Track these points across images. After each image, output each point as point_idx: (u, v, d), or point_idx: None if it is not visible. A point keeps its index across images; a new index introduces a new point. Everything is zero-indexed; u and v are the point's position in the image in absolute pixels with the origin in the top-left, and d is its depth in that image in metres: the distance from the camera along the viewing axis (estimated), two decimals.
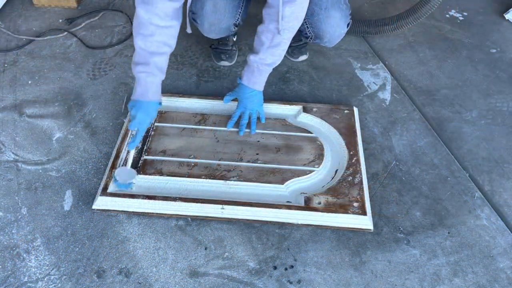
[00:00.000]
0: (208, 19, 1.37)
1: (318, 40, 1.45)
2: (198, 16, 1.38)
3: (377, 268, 1.13)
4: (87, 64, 1.68)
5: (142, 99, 1.20)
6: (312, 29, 1.41)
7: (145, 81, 1.18)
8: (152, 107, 1.22)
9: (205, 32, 1.46)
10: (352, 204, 1.20)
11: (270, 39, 1.23)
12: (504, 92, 1.64)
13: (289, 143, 1.36)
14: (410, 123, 1.51)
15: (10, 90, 1.56)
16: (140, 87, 1.19)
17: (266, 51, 1.25)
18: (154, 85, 1.20)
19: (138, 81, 1.19)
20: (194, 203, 1.19)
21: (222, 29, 1.43)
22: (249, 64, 1.30)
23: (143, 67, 1.17)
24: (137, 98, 1.20)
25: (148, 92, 1.19)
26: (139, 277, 1.10)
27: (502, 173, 1.37)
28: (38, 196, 1.26)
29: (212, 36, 1.48)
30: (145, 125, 1.22)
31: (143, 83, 1.18)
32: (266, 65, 1.28)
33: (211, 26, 1.40)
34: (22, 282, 1.08)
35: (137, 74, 1.18)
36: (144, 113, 1.20)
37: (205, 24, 1.39)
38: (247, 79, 1.32)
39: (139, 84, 1.19)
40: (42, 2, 1.93)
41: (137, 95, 1.20)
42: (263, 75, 1.31)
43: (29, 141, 1.40)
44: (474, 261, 1.16)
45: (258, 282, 1.10)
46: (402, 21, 1.74)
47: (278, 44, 1.24)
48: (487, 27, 1.95)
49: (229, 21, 1.40)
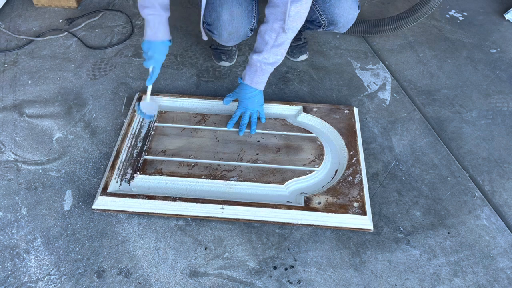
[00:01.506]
0: (227, 29, 1.37)
1: (332, 26, 1.45)
2: (215, 27, 1.38)
3: (377, 268, 1.13)
4: (87, 64, 1.68)
5: (154, 39, 1.28)
6: (325, 15, 1.41)
7: (153, 23, 1.26)
8: (164, 46, 1.30)
9: (223, 42, 1.46)
10: (352, 204, 1.20)
11: (274, 38, 1.23)
12: (504, 92, 1.64)
13: (289, 143, 1.36)
14: (410, 123, 1.51)
15: (10, 90, 1.56)
16: (150, 29, 1.27)
17: (270, 51, 1.25)
18: (162, 25, 1.28)
19: (147, 23, 1.27)
20: (194, 203, 1.19)
21: (240, 36, 1.43)
22: (252, 63, 1.30)
23: (150, 9, 1.24)
24: (149, 39, 1.28)
25: (158, 33, 1.27)
26: (139, 277, 1.10)
27: (502, 173, 1.37)
28: (38, 196, 1.26)
29: (230, 44, 1.48)
30: (159, 63, 1.31)
31: (152, 24, 1.26)
32: (269, 65, 1.28)
33: (230, 35, 1.40)
34: (22, 282, 1.08)
35: (147, 16, 1.25)
36: (158, 52, 1.29)
37: (224, 34, 1.39)
38: (250, 79, 1.32)
39: (149, 26, 1.27)
40: (42, 2, 1.93)
41: (149, 36, 1.28)
42: (265, 75, 1.31)
43: (29, 141, 1.40)
44: (474, 261, 1.16)
45: (258, 282, 1.10)
46: (402, 21, 1.74)
47: (282, 43, 1.24)
48: (487, 27, 1.95)
49: (246, 26, 1.40)
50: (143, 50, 1.31)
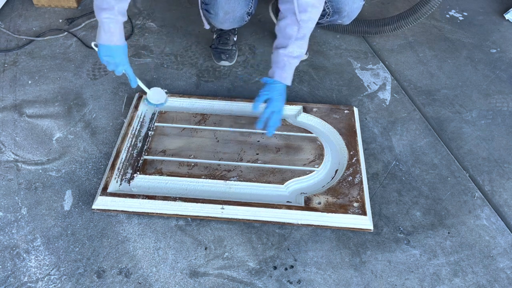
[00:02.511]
0: (223, 8, 1.39)
1: (336, 15, 1.46)
2: (211, 6, 1.40)
3: (377, 268, 1.13)
4: (87, 64, 1.68)
5: (110, 44, 1.24)
6: (330, 3, 1.42)
7: (108, 27, 1.22)
8: (121, 50, 1.27)
9: (218, 23, 1.46)
10: (352, 204, 1.20)
11: (296, 30, 1.23)
12: (504, 92, 1.64)
13: (289, 143, 1.36)
14: (410, 123, 1.51)
15: (10, 90, 1.56)
16: (105, 33, 1.23)
17: (294, 43, 1.25)
18: (118, 30, 1.24)
19: (102, 25, 1.23)
20: (194, 203, 1.19)
21: (236, 18, 1.44)
22: (278, 59, 1.29)
23: (107, 12, 1.20)
24: (104, 43, 1.24)
25: (114, 37, 1.24)
26: (139, 277, 1.10)
27: (502, 173, 1.37)
28: (38, 196, 1.26)
29: (226, 26, 1.49)
30: (127, 64, 1.29)
31: (107, 28, 1.22)
32: (295, 58, 1.28)
33: (226, 15, 1.41)
34: (22, 282, 1.08)
35: (102, 19, 1.21)
36: (119, 56, 1.26)
37: (220, 13, 1.40)
38: (279, 75, 1.30)
39: (104, 30, 1.23)
40: (42, 2, 1.93)
41: (104, 39, 1.24)
42: (293, 69, 1.31)
43: (29, 141, 1.40)
44: (474, 261, 1.16)
45: (258, 282, 1.10)
46: (402, 21, 1.74)
47: (304, 35, 1.25)
48: (487, 27, 1.95)
49: (243, 9, 1.42)
50: (98, 54, 1.27)
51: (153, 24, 1.88)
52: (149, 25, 1.88)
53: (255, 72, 1.69)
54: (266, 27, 1.88)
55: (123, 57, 1.28)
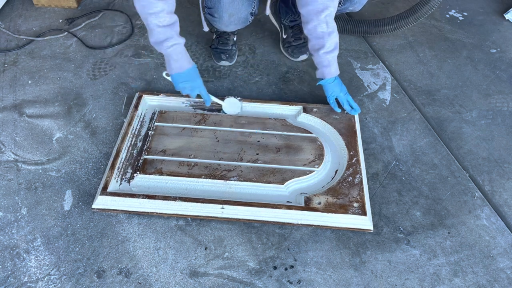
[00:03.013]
0: (228, 10, 1.40)
1: (347, 3, 1.49)
2: (215, 9, 1.41)
3: (377, 268, 1.13)
4: (87, 64, 1.68)
5: (182, 71, 1.29)
6: None
7: (176, 54, 1.25)
8: (194, 70, 1.33)
9: (223, 25, 1.48)
10: (352, 205, 1.20)
11: (325, 27, 1.31)
12: (504, 92, 1.64)
13: (289, 143, 1.36)
14: (410, 123, 1.51)
15: (10, 90, 1.56)
16: (175, 62, 1.26)
17: (329, 39, 1.32)
18: (184, 53, 1.29)
19: (169, 56, 1.25)
20: (194, 203, 1.19)
21: (241, 19, 1.46)
22: (321, 60, 1.37)
23: (169, 41, 1.22)
24: (177, 71, 1.29)
25: (184, 62, 1.29)
26: (139, 277, 1.10)
27: (502, 173, 1.37)
28: (38, 196, 1.26)
29: (230, 28, 1.51)
30: (201, 86, 1.35)
31: (176, 57, 1.25)
32: (333, 51, 1.35)
33: (231, 17, 1.42)
34: (22, 282, 1.08)
35: (167, 50, 1.23)
36: (192, 79, 1.32)
37: (224, 16, 1.41)
38: (328, 73, 1.39)
39: (173, 59, 1.26)
40: (42, 2, 1.93)
41: (175, 69, 1.29)
42: (336, 60, 1.39)
43: (29, 141, 1.40)
44: (474, 261, 1.16)
45: (258, 282, 1.10)
46: (402, 21, 1.74)
47: (334, 27, 1.33)
48: (487, 27, 1.95)
49: (247, 10, 1.44)
50: (174, 86, 1.33)
51: None
52: None
53: (255, 72, 1.69)
54: (266, 27, 1.88)
55: (197, 80, 1.34)
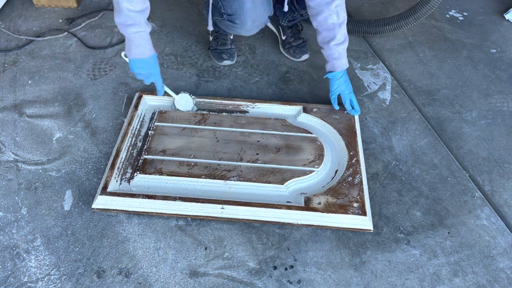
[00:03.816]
0: (250, 16, 1.41)
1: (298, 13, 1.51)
2: (237, 16, 1.41)
3: (377, 268, 1.13)
4: (87, 64, 1.68)
5: (142, 57, 1.27)
6: None
7: (138, 40, 1.24)
8: (154, 59, 1.31)
9: (245, 31, 1.48)
10: (352, 205, 1.20)
11: (336, 18, 1.30)
12: (504, 92, 1.64)
13: (289, 143, 1.36)
14: (410, 123, 1.51)
15: (10, 90, 1.56)
16: (136, 47, 1.25)
17: (339, 31, 1.32)
18: (148, 42, 1.27)
19: (131, 41, 1.24)
20: (194, 203, 1.19)
21: (261, 24, 1.48)
22: (332, 52, 1.36)
23: (134, 27, 1.21)
24: (136, 57, 1.27)
25: (145, 49, 1.27)
26: (139, 277, 1.10)
27: (502, 173, 1.37)
28: (38, 196, 1.26)
29: (251, 33, 1.52)
30: (158, 75, 1.34)
31: (138, 42, 1.24)
32: (343, 43, 1.35)
33: (254, 22, 1.44)
34: (22, 282, 1.08)
35: (130, 35, 1.22)
36: (150, 67, 1.31)
37: (248, 22, 1.42)
38: (339, 65, 1.38)
39: (134, 44, 1.24)
40: (42, 2, 1.93)
41: (135, 54, 1.26)
42: (345, 53, 1.39)
43: (29, 141, 1.40)
44: (474, 261, 1.16)
45: (258, 282, 1.10)
46: (402, 21, 1.74)
47: (344, 18, 1.32)
48: (487, 27, 1.95)
49: (267, 13, 1.46)
50: (131, 68, 1.30)
51: (153, 24, 1.88)
52: None
53: (255, 72, 1.69)
54: (265, 27, 1.88)
55: (155, 68, 1.33)
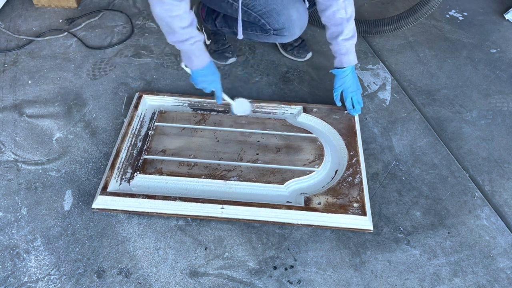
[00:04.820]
0: (298, 25, 1.41)
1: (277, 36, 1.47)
2: (286, 29, 1.40)
3: (377, 268, 1.13)
4: (87, 64, 1.68)
5: (203, 65, 1.30)
6: None
7: (198, 50, 1.27)
8: (213, 65, 1.34)
9: (291, 38, 1.46)
10: (352, 205, 1.20)
11: (344, 13, 1.30)
12: (504, 92, 1.64)
13: (289, 143, 1.36)
14: (410, 123, 1.51)
15: (10, 90, 1.56)
16: (197, 58, 1.28)
17: (347, 25, 1.31)
18: (204, 48, 1.30)
19: (191, 52, 1.26)
20: (194, 203, 1.19)
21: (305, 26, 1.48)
22: (340, 47, 1.35)
23: (191, 39, 1.23)
24: (198, 67, 1.30)
25: (205, 57, 1.30)
26: (139, 277, 1.10)
27: (502, 173, 1.37)
28: (38, 196, 1.26)
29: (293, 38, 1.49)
30: (218, 82, 1.36)
31: (198, 53, 1.27)
32: (351, 38, 1.34)
33: (301, 29, 1.44)
34: (22, 282, 1.08)
35: (189, 47, 1.25)
36: (211, 74, 1.33)
37: (297, 31, 1.43)
38: (347, 61, 1.37)
39: (195, 55, 1.27)
40: (42, 2, 1.93)
41: (197, 65, 1.30)
42: (354, 48, 1.37)
43: (29, 141, 1.40)
44: (474, 261, 1.16)
45: (258, 282, 1.10)
46: (402, 21, 1.74)
47: (352, 12, 1.32)
48: (487, 27, 1.95)
49: (307, 15, 1.45)
50: (194, 82, 1.34)
51: (153, 24, 1.88)
52: (149, 25, 1.88)
53: (255, 72, 1.69)
54: None
55: (216, 74, 1.35)
